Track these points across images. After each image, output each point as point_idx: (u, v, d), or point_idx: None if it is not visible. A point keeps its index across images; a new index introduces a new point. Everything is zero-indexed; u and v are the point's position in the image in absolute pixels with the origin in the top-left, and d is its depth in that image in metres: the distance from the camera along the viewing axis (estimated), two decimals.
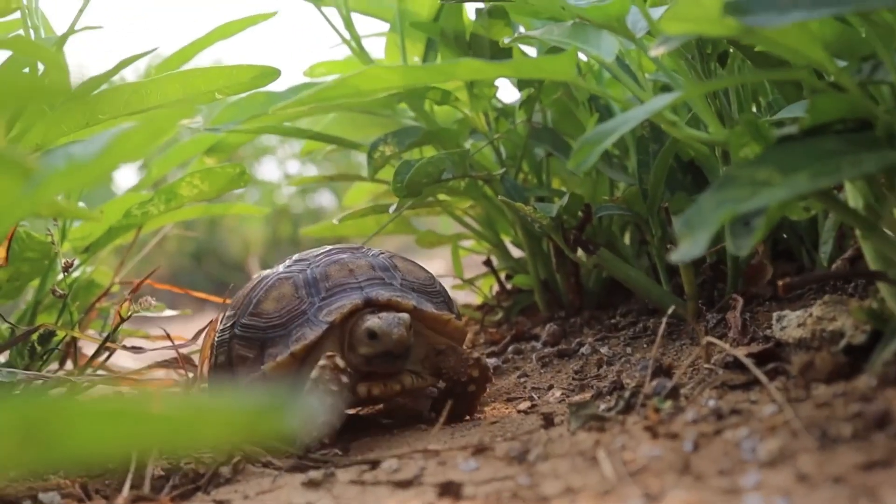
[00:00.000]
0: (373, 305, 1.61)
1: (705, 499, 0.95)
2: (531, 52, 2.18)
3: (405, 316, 1.56)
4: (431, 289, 1.72)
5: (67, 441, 0.48)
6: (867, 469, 0.96)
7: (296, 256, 1.76)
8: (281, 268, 1.73)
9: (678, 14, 1.07)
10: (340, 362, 1.54)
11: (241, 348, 1.64)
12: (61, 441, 0.48)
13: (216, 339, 1.71)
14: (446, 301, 1.73)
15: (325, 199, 9.14)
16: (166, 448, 1.05)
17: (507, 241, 2.36)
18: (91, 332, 2.12)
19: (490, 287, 2.47)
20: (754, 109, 1.83)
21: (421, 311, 1.63)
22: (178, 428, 0.47)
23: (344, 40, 2.18)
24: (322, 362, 1.53)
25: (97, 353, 1.89)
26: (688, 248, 1.05)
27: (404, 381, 1.61)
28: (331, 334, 1.60)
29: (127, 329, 2.04)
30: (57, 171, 0.91)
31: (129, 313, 1.76)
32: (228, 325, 1.69)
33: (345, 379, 1.52)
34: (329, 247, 1.77)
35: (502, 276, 2.39)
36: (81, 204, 2.07)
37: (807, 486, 0.95)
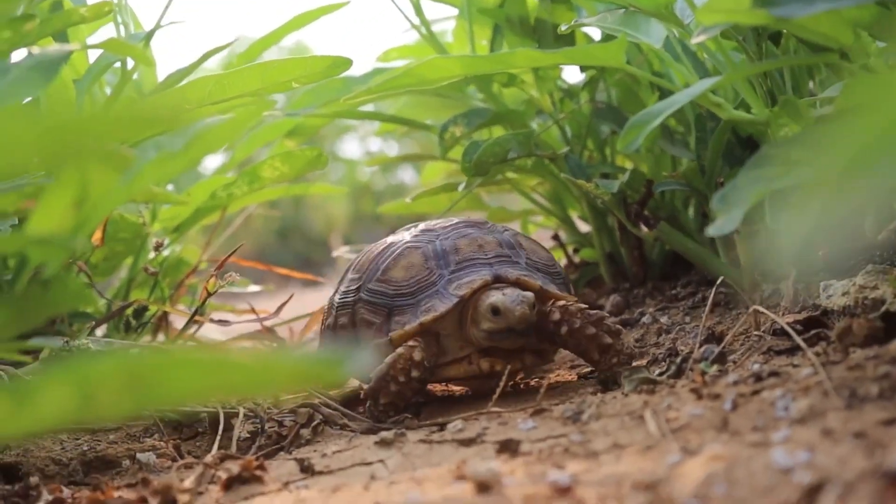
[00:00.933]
0: (501, 283, 1.62)
1: (736, 451, 1.04)
2: (596, 34, 2.26)
3: (530, 295, 1.57)
4: (553, 269, 1.73)
5: (164, 386, 0.59)
6: (888, 425, 1.04)
7: (421, 226, 1.77)
8: (407, 236, 1.74)
9: (712, 6, 1.15)
10: (418, 355, 1.57)
11: (367, 313, 1.66)
12: (159, 386, 0.59)
13: (337, 300, 1.74)
14: (566, 282, 1.75)
15: (406, 175, 9.26)
16: (247, 392, 1.16)
17: (574, 216, 2.44)
18: (181, 307, 2.25)
19: (559, 260, 2.55)
20: (811, 87, 1.89)
21: (546, 292, 1.64)
22: (256, 375, 0.58)
23: (414, 26, 2.28)
24: (400, 350, 1.58)
25: (187, 326, 2.01)
26: (723, 222, 1.15)
27: (525, 359, 1.65)
28: (455, 308, 1.62)
29: (214, 304, 2.17)
30: (149, 162, 1.02)
31: (216, 288, 1.84)
32: (353, 287, 1.71)
33: (415, 373, 1.57)
34: (455, 219, 1.79)
35: (570, 249, 2.48)
36: (170, 187, 2.20)
37: (830, 440, 1.03)
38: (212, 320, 2.00)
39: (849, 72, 1.35)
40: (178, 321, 2.15)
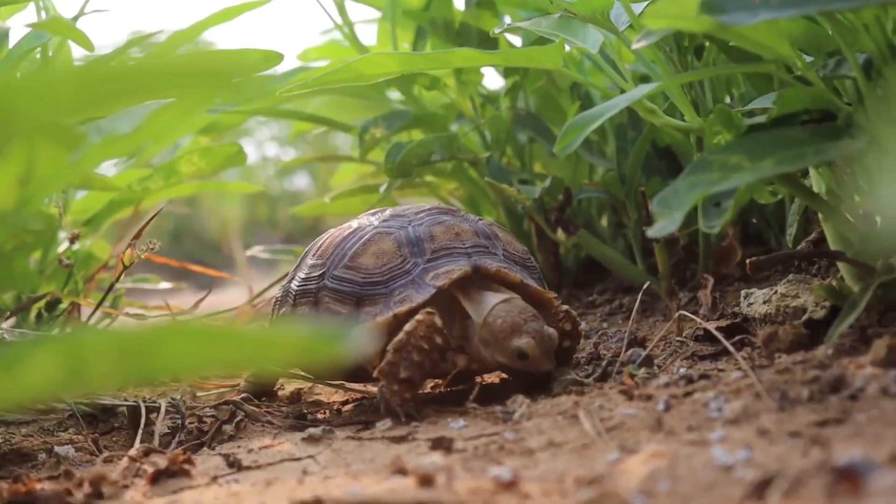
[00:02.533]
0: (480, 274, 1.53)
1: (676, 450, 1.06)
2: (516, 41, 2.28)
3: (554, 333, 1.47)
4: (529, 262, 1.64)
5: (160, 358, 0.58)
6: (821, 426, 1.06)
7: (389, 211, 1.66)
8: (375, 221, 1.63)
9: (659, 11, 1.17)
10: (438, 321, 1.45)
11: (333, 302, 1.55)
12: (154, 358, 0.58)
13: (295, 287, 1.62)
14: (540, 276, 1.66)
15: (302, 182, 9.20)
16: (246, 366, 1.14)
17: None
18: (91, 301, 2.21)
19: None
20: (728, 99, 1.93)
21: (526, 287, 1.55)
22: (253, 348, 0.57)
23: (337, 26, 2.28)
24: (419, 316, 1.45)
25: (93, 315, 1.96)
26: (664, 225, 1.16)
27: None
28: (435, 299, 1.50)
29: (126, 301, 2.13)
30: (95, 145, 1.00)
31: (132, 260, 1.76)
32: (315, 274, 1.59)
33: (439, 340, 1.45)
34: (426, 206, 1.67)
35: None
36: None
37: (766, 439, 1.05)
38: (126, 314, 1.96)
39: (780, 82, 1.38)
40: (89, 315, 2.11)
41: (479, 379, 1.67)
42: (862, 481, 0.85)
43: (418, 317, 1.45)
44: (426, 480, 1.04)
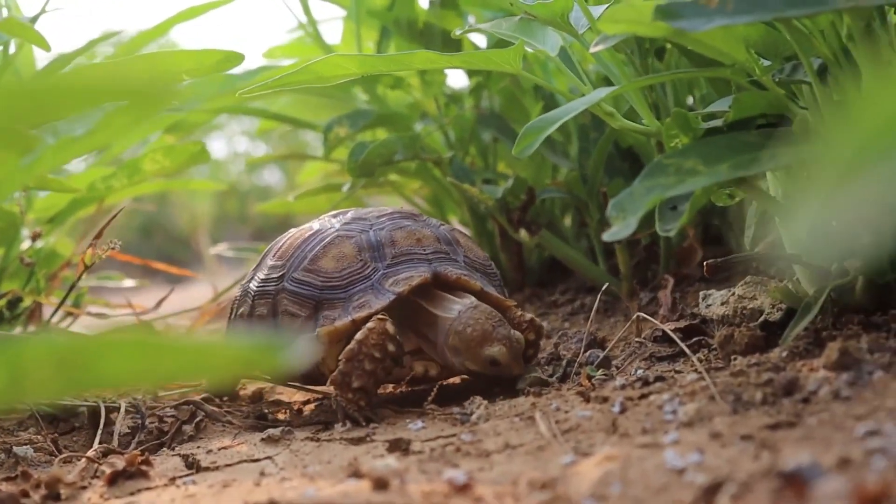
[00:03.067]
0: (441, 281, 1.53)
1: (628, 452, 1.07)
2: (481, 41, 2.28)
3: (522, 341, 1.48)
4: (490, 270, 1.64)
5: (98, 369, 0.58)
6: (773, 429, 1.08)
7: (351, 213, 1.65)
8: (336, 223, 1.61)
9: (614, 16, 1.17)
10: (391, 328, 1.45)
11: (292, 304, 1.53)
12: (92, 369, 0.58)
13: (254, 287, 1.61)
14: (501, 283, 1.66)
15: (273, 177, 9.18)
16: (183, 377, 1.14)
17: (454, 221, 2.45)
18: (53, 300, 2.20)
19: None
20: (690, 102, 1.95)
21: (487, 295, 1.55)
22: (194, 359, 0.57)
23: (301, 25, 2.28)
24: (371, 324, 1.44)
25: (54, 314, 1.96)
26: (619, 228, 1.17)
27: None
28: (394, 305, 1.50)
29: (90, 299, 2.13)
30: (50, 147, 1.00)
31: (93, 260, 1.75)
32: (275, 275, 1.58)
33: (391, 347, 1.44)
34: (388, 209, 1.67)
35: None
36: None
37: (719, 442, 1.06)
38: (89, 313, 1.96)
39: (737, 86, 1.39)
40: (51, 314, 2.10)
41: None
42: (807, 487, 0.86)
43: (370, 325, 1.45)
44: (380, 484, 1.05)
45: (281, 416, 1.59)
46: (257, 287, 1.60)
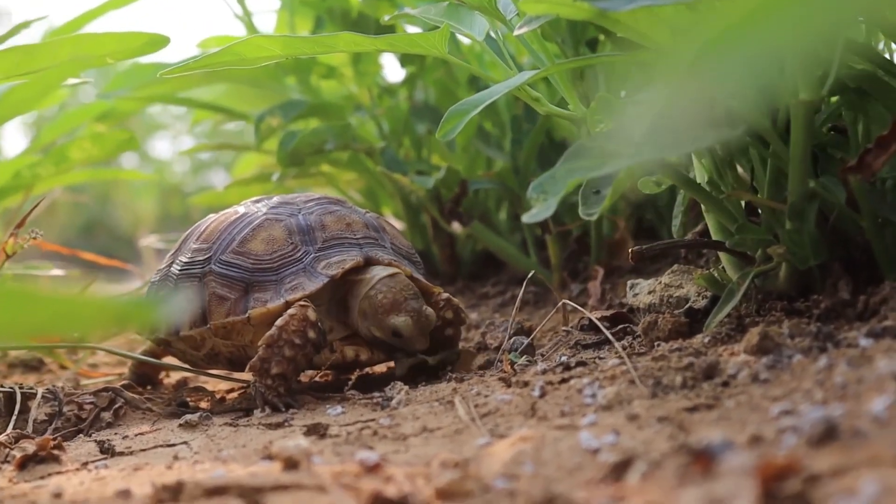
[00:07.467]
0: (372, 265, 1.52)
1: (544, 434, 1.06)
2: (418, 32, 2.27)
3: (432, 313, 1.49)
4: (415, 258, 1.65)
5: None
6: (691, 411, 1.07)
7: (277, 198, 1.63)
8: (263, 208, 1.60)
9: None
10: (312, 315, 1.44)
11: (220, 287, 1.50)
12: None
13: (177, 271, 1.57)
14: (424, 272, 1.65)
15: (218, 177, 9.12)
16: (56, 329, 1.11)
17: (387, 213, 2.44)
18: None
19: None
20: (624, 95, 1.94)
21: (417, 281, 1.55)
22: (63, 310, 0.55)
23: (236, 16, 2.26)
24: (291, 311, 1.43)
25: None
26: (539, 210, 1.16)
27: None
28: (327, 288, 1.50)
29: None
30: None
31: (14, 249, 1.72)
32: (200, 258, 1.55)
33: (312, 334, 1.43)
34: (315, 195, 1.66)
35: None
36: None
37: (635, 424, 1.05)
38: None
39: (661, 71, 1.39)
40: None
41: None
42: (714, 462, 0.85)
43: (290, 311, 1.43)
44: (291, 464, 1.03)
45: (203, 405, 1.56)
46: (180, 270, 1.57)
